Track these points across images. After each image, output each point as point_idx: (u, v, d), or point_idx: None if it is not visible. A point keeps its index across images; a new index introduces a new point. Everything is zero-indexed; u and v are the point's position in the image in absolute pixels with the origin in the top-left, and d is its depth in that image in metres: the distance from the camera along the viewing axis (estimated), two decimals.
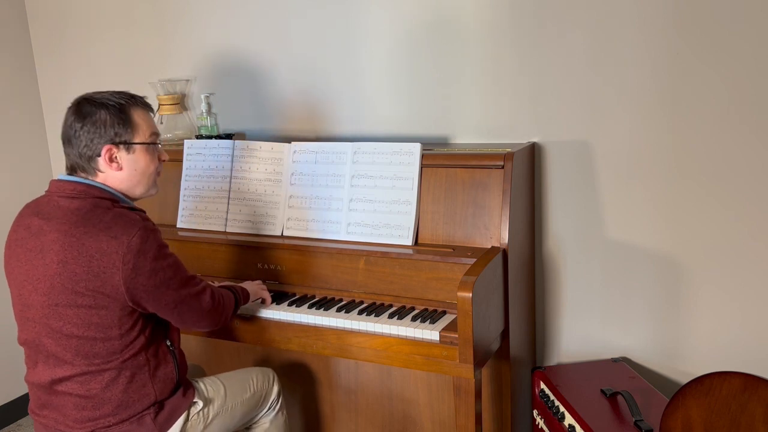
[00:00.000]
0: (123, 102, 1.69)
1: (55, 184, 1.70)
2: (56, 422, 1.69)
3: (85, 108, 1.67)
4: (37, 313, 1.65)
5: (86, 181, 1.68)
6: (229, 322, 1.95)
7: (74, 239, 1.60)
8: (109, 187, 1.69)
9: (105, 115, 1.66)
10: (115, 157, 1.68)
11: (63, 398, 1.67)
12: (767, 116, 2.00)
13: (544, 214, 2.32)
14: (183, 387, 1.81)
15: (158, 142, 1.78)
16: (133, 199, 1.76)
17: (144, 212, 1.71)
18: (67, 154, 1.70)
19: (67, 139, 1.68)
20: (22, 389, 3.09)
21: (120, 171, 1.69)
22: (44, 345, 1.67)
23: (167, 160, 1.83)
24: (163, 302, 1.68)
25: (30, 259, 1.65)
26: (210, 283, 1.86)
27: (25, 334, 1.71)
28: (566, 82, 2.20)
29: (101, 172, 1.69)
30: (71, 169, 1.71)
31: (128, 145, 1.69)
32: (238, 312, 2.00)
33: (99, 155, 1.67)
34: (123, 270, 1.59)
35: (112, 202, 1.67)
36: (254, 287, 2.05)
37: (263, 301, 2.07)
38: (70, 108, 1.70)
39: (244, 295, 1.98)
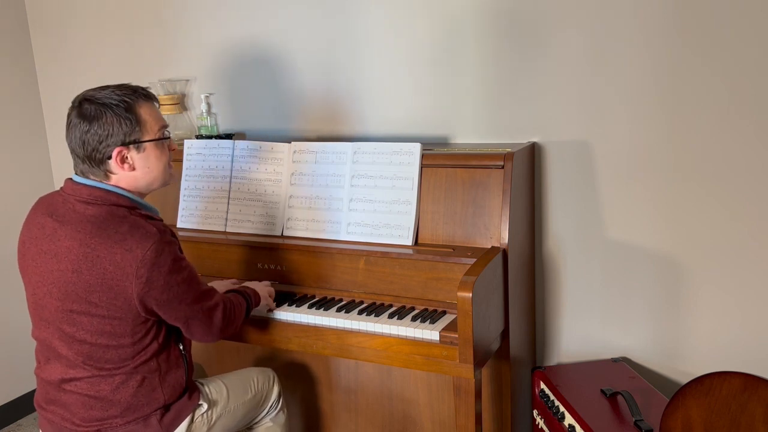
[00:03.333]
0: (128, 99, 1.63)
1: (71, 186, 1.66)
2: (62, 419, 1.69)
3: (88, 110, 1.60)
4: (51, 316, 1.65)
5: (103, 186, 1.63)
6: (237, 331, 1.93)
7: (89, 249, 1.57)
8: (125, 191, 1.65)
9: (111, 116, 1.60)
10: (127, 158, 1.63)
11: (71, 396, 1.67)
12: (767, 116, 2.00)
13: (544, 214, 2.32)
14: (189, 390, 1.81)
15: (167, 134, 1.73)
16: (149, 193, 1.73)
17: (161, 221, 1.68)
18: (77, 156, 1.64)
19: (75, 143, 1.61)
20: (23, 389, 3.09)
21: (133, 171, 1.65)
22: (55, 347, 1.66)
23: (177, 149, 1.77)
24: (174, 315, 1.67)
25: (45, 262, 1.63)
26: (224, 296, 1.82)
27: (38, 332, 1.71)
28: (566, 82, 2.20)
29: (113, 174, 1.64)
30: (81, 173, 1.66)
31: (138, 144, 1.64)
32: None
33: (110, 158, 1.62)
34: (136, 284, 1.57)
35: (128, 209, 1.63)
36: (264, 291, 2.02)
37: (269, 309, 2.06)
38: (72, 110, 1.63)
39: (256, 300, 1.96)
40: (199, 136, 2.61)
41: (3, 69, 3.05)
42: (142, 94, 1.68)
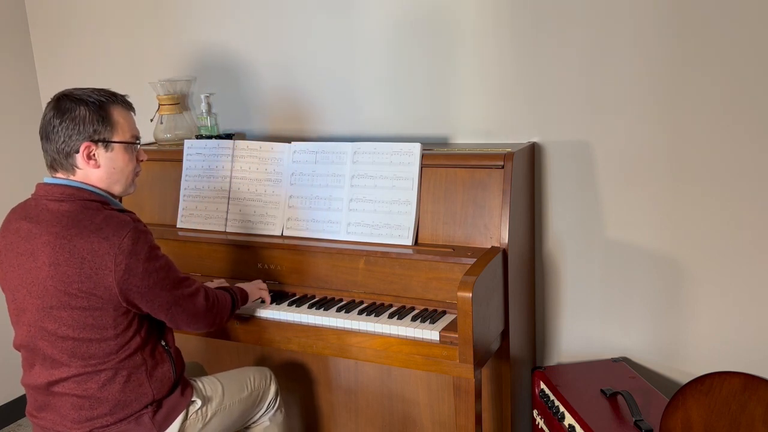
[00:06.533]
0: (103, 99, 1.67)
1: (43, 187, 1.68)
2: (54, 423, 1.69)
3: (64, 104, 1.64)
4: (32, 317, 1.65)
5: (75, 184, 1.66)
6: (225, 324, 1.94)
7: (65, 241, 1.59)
8: (96, 188, 1.68)
9: (84, 111, 1.63)
10: (93, 154, 1.66)
11: (60, 399, 1.67)
12: (767, 116, 2.00)
13: (544, 214, 2.32)
14: (181, 386, 1.81)
15: (137, 141, 1.75)
16: (115, 198, 1.75)
17: (134, 213, 1.70)
18: (45, 150, 1.67)
19: (45, 135, 1.65)
20: (22, 390, 3.09)
21: (97, 169, 1.67)
22: (40, 348, 1.66)
23: (146, 160, 1.80)
24: (156, 303, 1.67)
25: (22, 263, 1.64)
26: (205, 284, 1.85)
27: (20, 338, 1.70)
28: (566, 82, 2.20)
29: (79, 169, 1.66)
30: (50, 167, 1.68)
31: (107, 143, 1.67)
32: (237, 312, 2.00)
33: (77, 152, 1.64)
34: (115, 271, 1.58)
35: (101, 204, 1.65)
36: (253, 288, 2.05)
37: (263, 302, 2.07)
38: (49, 103, 1.67)
39: (242, 297, 1.98)
40: (199, 136, 2.61)
41: (3, 68, 3.05)
42: (121, 100, 1.72)
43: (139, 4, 2.86)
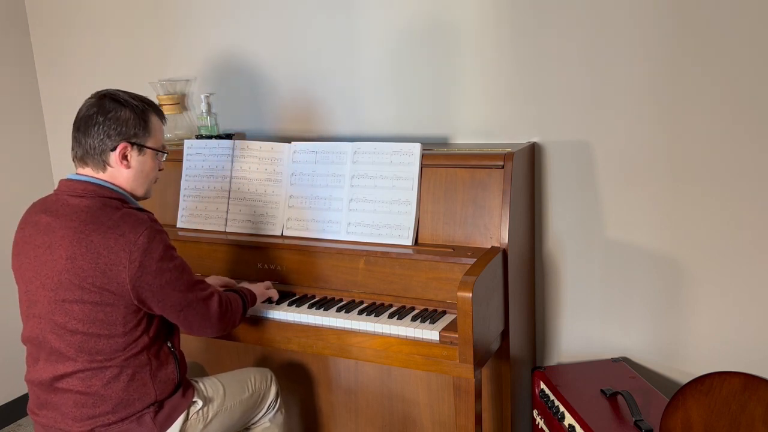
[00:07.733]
0: (146, 106, 1.76)
1: (65, 183, 1.73)
2: (55, 421, 1.70)
3: (109, 103, 1.71)
4: (43, 309, 1.67)
5: (97, 181, 1.71)
6: (237, 326, 1.94)
7: (83, 235, 1.62)
8: (118, 187, 1.73)
9: (129, 114, 1.71)
10: (128, 155, 1.72)
11: (63, 396, 1.68)
12: (766, 117, 2.00)
13: (544, 214, 2.32)
14: (183, 387, 1.82)
15: (166, 151, 1.83)
16: (137, 200, 1.79)
17: (152, 214, 1.73)
18: (78, 142, 1.72)
19: (85, 129, 1.70)
20: (23, 389, 3.09)
21: (128, 169, 1.73)
22: (48, 341, 1.68)
23: (163, 169, 1.87)
24: (168, 304, 1.69)
25: (38, 255, 1.67)
26: (218, 288, 1.87)
27: (28, 331, 1.72)
28: (566, 82, 2.20)
29: (110, 167, 1.72)
30: (80, 159, 1.73)
31: (141, 147, 1.74)
32: None
33: (113, 150, 1.70)
34: (129, 268, 1.61)
35: (121, 202, 1.70)
36: (261, 289, 2.05)
37: (270, 300, 2.08)
38: (92, 100, 1.73)
39: (252, 298, 1.98)
40: (199, 136, 2.61)
41: (3, 69, 3.05)
42: (157, 109, 1.82)
43: (139, 4, 2.86)
